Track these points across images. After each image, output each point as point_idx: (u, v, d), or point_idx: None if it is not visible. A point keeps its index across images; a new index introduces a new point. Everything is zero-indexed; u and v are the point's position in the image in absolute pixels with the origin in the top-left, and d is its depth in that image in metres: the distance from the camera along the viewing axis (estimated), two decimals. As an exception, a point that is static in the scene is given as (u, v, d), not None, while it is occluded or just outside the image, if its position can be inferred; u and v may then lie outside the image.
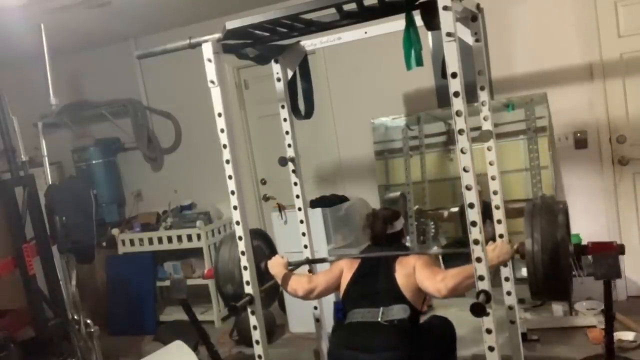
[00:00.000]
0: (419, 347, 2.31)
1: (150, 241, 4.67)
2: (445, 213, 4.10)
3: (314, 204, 3.95)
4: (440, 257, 3.59)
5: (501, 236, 2.58)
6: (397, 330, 2.29)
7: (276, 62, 2.78)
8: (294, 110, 2.85)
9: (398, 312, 2.32)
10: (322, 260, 2.87)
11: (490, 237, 2.46)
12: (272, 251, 2.85)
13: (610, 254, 2.41)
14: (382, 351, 2.26)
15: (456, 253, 2.62)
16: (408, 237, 3.84)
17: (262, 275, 2.58)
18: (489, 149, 2.51)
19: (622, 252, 2.21)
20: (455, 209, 4.01)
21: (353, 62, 4.18)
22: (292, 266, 2.74)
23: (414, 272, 2.36)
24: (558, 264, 2.01)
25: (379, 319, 2.32)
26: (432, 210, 4.16)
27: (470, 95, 2.08)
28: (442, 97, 3.87)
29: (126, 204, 5.16)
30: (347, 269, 2.55)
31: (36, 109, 3.81)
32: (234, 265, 2.51)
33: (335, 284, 2.57)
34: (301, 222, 2.94)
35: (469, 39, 2.37)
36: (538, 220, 2.07)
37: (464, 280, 2.14)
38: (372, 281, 2.45)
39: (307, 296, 2.59)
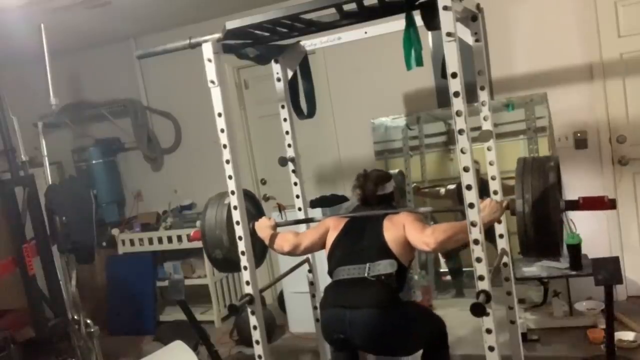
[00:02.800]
0: (406, 310, 2.33)
1: (150, 241, 4.67)
2: (442, 190, 4.09)
3: (314, 204, 3.94)
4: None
5: (501, 236, 2.58)
6: (385, 286, 2.27)
7: (276, 62, 2.78)
8: (296, 110, 2.85)
9: (385, 267, 2.28)
10: (310, 220, 2.80)
11: None
12: (259, 212, 2.78)
13: (611, 260, 2.41)
14: (369, 307, 2.25)
15: (447, 211, 2.60)
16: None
17: (252, 237, 2.50)
18: (489, 149, 2.51)
19: (614, 207, 2.17)
20: (452, 186, 4.00)
21: (353, 62, 4.18)
22: (280, 226, 2.68)
23: (403, 229, 2.32)
24: (549, 221, 1.97)
25: (366, 275, 2.29)
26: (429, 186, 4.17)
27: (470, 95, 2.08)
28: (442, 97, 3.87)
29: (126, 204, 5.17)
30: (333, 228, 2.53)
31: (36, 109, 3.81)
32: (222, 230, 2.48)
33: (322, 241, 2.56)
34: (301, 222, 2.94)
35: (469, 39, 2.37)
36: (529, 179, 2.03)
37: (453, 235, 2.11)
38: (358, 238, 2.42)
39: (293, 252, 2.56)
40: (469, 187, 1.84)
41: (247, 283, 2.31)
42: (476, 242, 1.85)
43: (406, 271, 2.38)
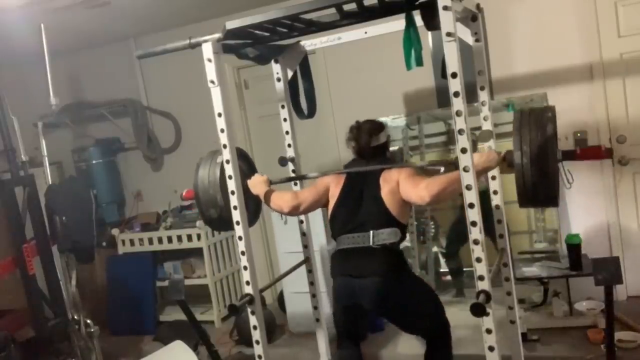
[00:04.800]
0: (412, 277, 2.43)
1: (150, 241, 4.67)
2: (442, 169, 4.08)
3: (314, 204, 3.94)
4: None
5: (501, 236, 2.58)
6: (390, 252, 2.32)
7: (276, 62, 2.79)
8: (297, 110, 2.85)
9: (389, 235, 2.32)
10: (303, 177, 2.79)
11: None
12: (252, 169, 2.78)
13: (611, 260, 2.41)
14: (377, 275, 2.30)
15: (442, 163, 2.60)
16: (407, 236, 3.86)
17: (245, 195, 2.49)
18: (489, 148, 2.51)
19: (610, 156, 2.18)
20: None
21: (353, 62, 4.18)
22: (274, 184, 2.68)
23: (398, 186, 2.34)
24: (547, 172, 1.98)
25: (370, 243, 2.32)
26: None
27: (470, 95, 2.08)
28: (442, 97, 3.87)
29: (126, 204, 5.16)
30: (333, 185, 2.54)
31: (36, 109, 3.81)
32: (215, 190, 2.49)
33: (323, 200, 2.57)
34: (301, 222, 2.94)
35: (469, 39, 2.38)
36: (527, 131, 2.03)
37: (448, 186, 2.11)
38: (358, 201, 2.43)
39: (293, 212, 2.57)
40: (468, 187, 1.84)
41: (247, 283, 2.31)
42: (476, 242, 1.85)
43: (406, 227, 2.42)
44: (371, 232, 2.34)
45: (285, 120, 2.87)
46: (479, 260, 1.86)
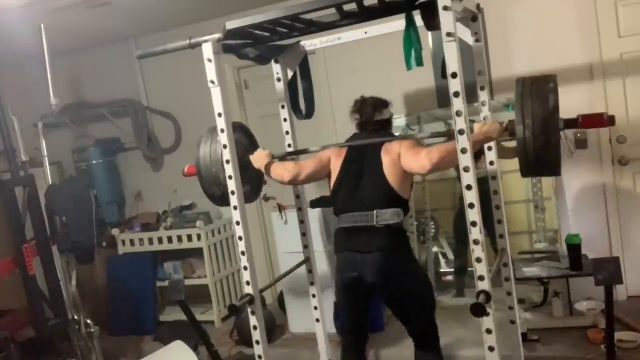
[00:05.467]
0: (413, 259, 2.49)
1: (150, 241, 4.67)
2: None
3: (314, 203, 3.94)
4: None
5: (501, 236, 2.58)
6: (393, 230, 2.36)
7: (276, 62, 2.79)
8: (295, 110, 2.85)
9: (392, 216, 2.36)
10: (305, 151, 2.77)
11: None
12: (253, 144, 2.81)
13: (611, 260, 2.42)
14: (378, 250, 2.36)
15: (442, 135, 2.61)
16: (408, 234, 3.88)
17: (245, 170, 2.55)
18: (489, 148, 2.52)
19: (612, 123, 2.18)
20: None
21: (353, 62, 4.18)
22: (276, 158, 2.69)
23: (399, 158, 2.36)
24: (549, 140, 2.00)
25: (374, 223, 2.35)
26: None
27: (470, 95, 2.09)
28: (442, 97, 3.86)
29: (126, 204, 5.16)
30: (334, 157, 2.55)
31: (36, 109, 3.81)
32: (218, 169, 2.49)
33: (323, 171, 2.58)
34: (301, 222, 2.94)
35: (469, 39, 2.38)
36: (528, 101, 2.03)
37: (447, 155, 2.13)
38: (360, 178, 2.44)
39: (293, 180, 2.58)
40: (468, 187, 1.84)
41: (247, 283, 2.31)
42: (476, 242, 1.85)
43: (407, 203, 2.44)
44: (375, 211, 2.36)
45: (285, 120, 2.87)
46: (479, 260, 1.86)
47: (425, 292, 2.50)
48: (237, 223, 2.29)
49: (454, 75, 1.80)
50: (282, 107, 2.85)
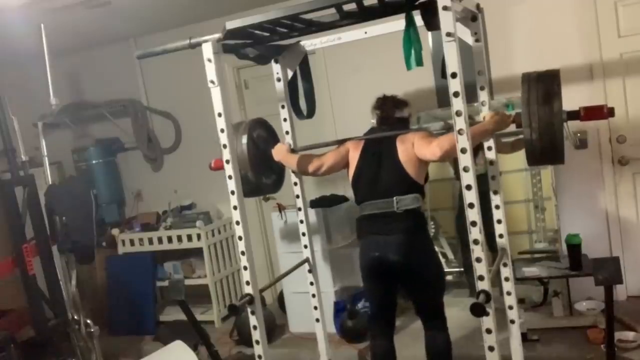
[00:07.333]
0: (430, 242, 2.71)
1: (150, 241, 4.67)
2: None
3: (314, 204, 3.95)
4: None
5: (501, 236, 2.58)
6: (413, 214, 2.54)
7: (276, 62, 2.79)
8: (296, 110, 2.85)
9: (412, 201, 2.53)
10: (324, 145, 2.91)
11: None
12: (274, 139, 2.97)
13: (611, 260, 2.42)
14: (399, 233, 2.53)
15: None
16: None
17: (269, 162, 2.84)
18: (489, 148, 2.52)
19: (612, 115, 2.32)
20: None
21: (353, 62, 4.18)
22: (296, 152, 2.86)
23: (413, 147, 2.51)
24: (553, 132, 2.16)
25: (395, 209, 2.52)
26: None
27: (470, 95, 2.09)
28: (442, 97, 3.86)
29: (126, 204, 5.15)
30: (353, 149, 2.70)
31: (36, 109, 3.80)
32: (246, 168, 2.69)
33: (343, 162, 2.73)
34: (301, 222, 2.94)
35: (469, 39, 2.38)
36: (534, 95, 2.20)
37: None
38: (379, 168, 2.60)
39: (315, 172, 2.75)
40: (468, 187, 1.84)
41: (247, 283, 2.31)
42: (476, 242, 1.85)
43: (423, 187, 2.61)
44: (394, 198, 2.52)
45: (285, 120, 2.87)
46: (479, 260, 1.86)
47: (440, 272, 2.73)
48: (237, 223, 2.29)
49: (453, 75, 1.80)
50: (282, 107, 2.85)
